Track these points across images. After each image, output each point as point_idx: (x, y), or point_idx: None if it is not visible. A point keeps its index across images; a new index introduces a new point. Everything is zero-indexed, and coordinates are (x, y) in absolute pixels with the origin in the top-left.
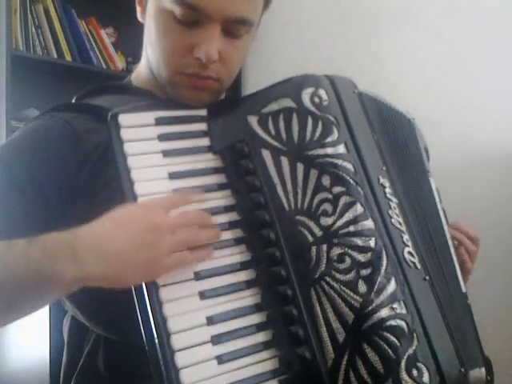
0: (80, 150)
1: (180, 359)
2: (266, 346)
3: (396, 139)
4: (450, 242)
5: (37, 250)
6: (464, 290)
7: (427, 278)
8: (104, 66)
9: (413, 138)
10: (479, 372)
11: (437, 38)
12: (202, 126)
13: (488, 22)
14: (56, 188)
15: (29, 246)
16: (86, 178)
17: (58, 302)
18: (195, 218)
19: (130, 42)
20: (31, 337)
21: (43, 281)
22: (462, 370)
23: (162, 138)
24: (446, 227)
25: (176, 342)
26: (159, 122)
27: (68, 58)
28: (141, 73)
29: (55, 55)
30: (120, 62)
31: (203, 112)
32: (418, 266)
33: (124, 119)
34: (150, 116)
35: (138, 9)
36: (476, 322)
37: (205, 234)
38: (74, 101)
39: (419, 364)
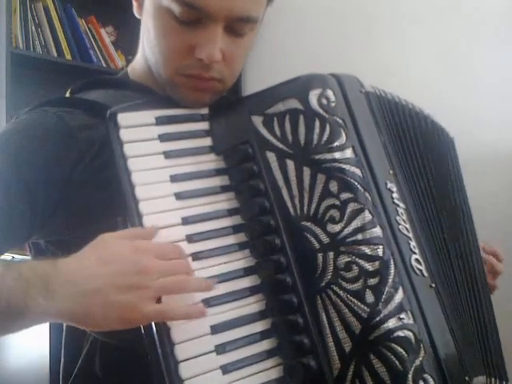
0: (73, 148)
1: (184, 370)
2: (270, 354)
3: (417, 142)
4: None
5: (11, 277)
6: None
7: (433, 285)
8: (104, 65)
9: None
10: (482, 380)
11: (439, 39)
12: (203, 126)
13: (492, 23)
14: (44, 189)
15: (5, 269)
16: (79, 179)
17: None
18: (185, 267)
19: (129, 40)
20: (31, 337)
21: (12, 310)
22: (467, 378)
23: (163, 138)
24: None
25: (180, 352)
26: (160, 121)
27: (68, 56)
28: (137, 67)
29: (55, 54)
30: (120, 61)
31: (205, 110)
32: (425, 273)
33: (123, 119)
34: (150, 115)
35: (134, 3)
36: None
37: (194, 283)
38: (68, 94)
39: (426, 375)
